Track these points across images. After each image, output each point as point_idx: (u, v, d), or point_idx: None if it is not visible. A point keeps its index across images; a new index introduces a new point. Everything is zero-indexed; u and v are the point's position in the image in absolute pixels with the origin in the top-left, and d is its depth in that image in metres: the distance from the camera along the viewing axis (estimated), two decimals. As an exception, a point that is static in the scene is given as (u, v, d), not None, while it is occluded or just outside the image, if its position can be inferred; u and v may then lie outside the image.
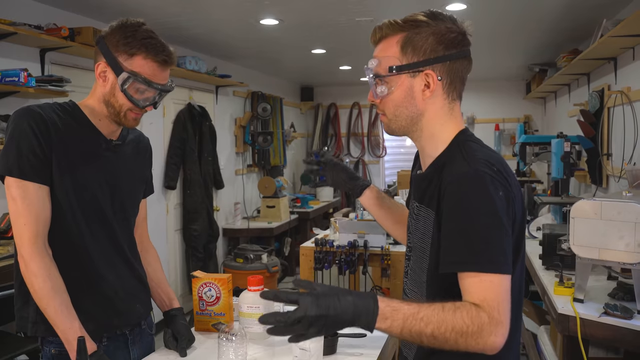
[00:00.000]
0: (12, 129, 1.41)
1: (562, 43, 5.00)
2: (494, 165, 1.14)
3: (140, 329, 1.67)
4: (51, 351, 1.49)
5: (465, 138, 1.24)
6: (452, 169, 1.16)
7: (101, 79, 1.48)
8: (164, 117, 4.85)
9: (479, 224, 1.09)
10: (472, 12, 3.88)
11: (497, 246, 1.09)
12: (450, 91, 1.24)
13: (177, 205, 5.08)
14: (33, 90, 3.01)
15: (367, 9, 3.80)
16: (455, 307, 1.06)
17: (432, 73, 1.21)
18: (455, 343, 1.05)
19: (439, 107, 1.24)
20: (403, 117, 1.25)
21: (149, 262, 1.76)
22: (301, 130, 8.46)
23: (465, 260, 1.09)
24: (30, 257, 1.39)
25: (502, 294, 1.07)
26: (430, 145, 1.26)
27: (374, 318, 1.04)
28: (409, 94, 1.22)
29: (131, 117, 1.51)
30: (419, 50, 1.20)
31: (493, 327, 1.05)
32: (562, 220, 3.36)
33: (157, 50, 1.45)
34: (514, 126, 7.70)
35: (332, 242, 3.45)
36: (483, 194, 1.09)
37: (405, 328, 1.05)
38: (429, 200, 1.21)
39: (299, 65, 6.56)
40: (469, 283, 1.09)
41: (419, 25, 1.21)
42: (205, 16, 3.95)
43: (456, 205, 1.11)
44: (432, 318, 1.05)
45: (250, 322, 1.65)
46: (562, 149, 3.44)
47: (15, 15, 3.12)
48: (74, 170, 1.46)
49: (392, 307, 1.06)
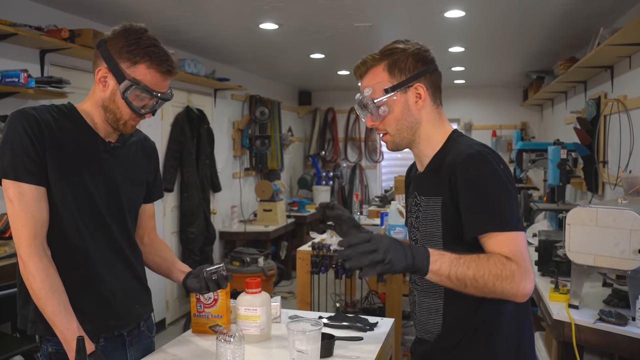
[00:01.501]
0: (6, 131, 1.42)
1: (559, 51, 5.03)
2: (489, 149, 1.37)
3: (138, 330, 1.66)
4: (49, 349, 1.49)
5: (457, 134, 1.47)
6: (456, 155, 1.35)
7: (101, 84, 1.48)
8: (162, 119, 4.85)
9: (493, 192, 1.30)
10: (471, 19, 3.91)
11: (509, 209, 1.30)
12: (434, 98, 1.46)
13: (174, 207, 5.08)
14: (33, 91, 3.02)
15: (366, 15, 3.82)
16: (488, 256, 1.26)
17: (421, 85, 1.42)
18: (493, 286, 1.23)
19: (430, 113, 1.45)
20: (405, 129, 1.44)
21: (159, 251, 1.78)
22: (299, 135, 8.47)
23: (488, 223, 1.29)
24: (29, 257, 1.39)
25: (522, 247, 1.27)
26: (428, 147, 1.46)
27: (427, 259, 1.22)
28: (405, 107, 1.42)
29: (130, 125, 1.52)
30: (405, 70, 1.41)
31: (523, 274, 1.23)
32: (557, 227, 3.37)
33: (160, 60, 1.45)
34: (510, 133, 7.73)
35: (328, 246, 3.45)
36: (489, 167, 1.31)
37: (452, 270, 1.23)
38: (435, 190, 1.39)
39: (297, 70, 6.58)
40: (494, 241, 1.28)
41: (396, 51, 1.42)
42: (204, 20, 3.97)
43: (470, 180, 1.31)
44: (471, 262, 1.23)
45: (248, 325, 1.66)
46: (558, 156, 3.46)
47: (15, 16, 3.13)
48: (70, 172, 1.46)
49: (438, 252, 1.25)
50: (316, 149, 8.49)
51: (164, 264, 1.77)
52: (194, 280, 1.66)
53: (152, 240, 1.79)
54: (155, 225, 1.82)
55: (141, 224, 1.74)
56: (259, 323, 1.66)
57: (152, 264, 1.78)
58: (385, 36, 4.41)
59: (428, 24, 4.11)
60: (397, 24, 4.12)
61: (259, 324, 1.66)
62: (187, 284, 1.68)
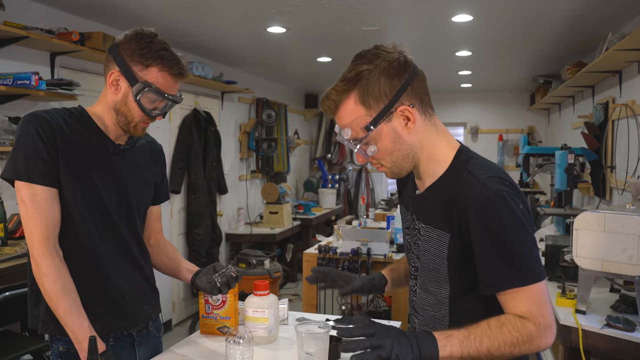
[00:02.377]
0: (19, 134, 1.44)
1: (567, 55, 5.03)
2: (505, 180, 1.20)
3: (147, 330, 1.68)
4: (59, 349, 1.51)
5: (466, 157, 1.26)
6: (469, 193, 1.19)
7: (113, 87, 1.50)
8: (170, 122, 4.88)
9: (511, 242, 1.17)
10: (478, 24, 3.91)
11: (531, 257, 1.18)
12: (424, 110, 1.26)
13: (181, 209, 5.11)
14: (43, 94, 3.04)
15: (374, 19, 3.84)
16: (500, 323, 1.16)
17: (405, 107, 1.21)
18: (510, 354, 1.16)
19: (424, 130, 1.26)
20: (401, 159, 1.26)
21: (166, 252, 1.81)
22: (305, 137, 8.49)
23: (505, 279, 1.17)
24: (41, 258, 1.41)
25: (543, 300, 1.17)
26: (431, 166, 1.28)
27: (436, 347, 1.13)
28: (395, 137, 1.23)
29: (141, 128, 1.55)
30: (381, 96, 1.20)
31: (542, 332, 1.16)
32: (565, 232, 3.37)
33: (172, 63, 1.48)
34: (517, 137, 7.72)
35: (335, 249, 3.47)
36: (508, 212, 1.16)
37: (464, 351, 1.14)
38: (441, 222, 1.24)
39: (304, 73, 6.60)
40: (510, 298, 1.18)
41: (363, 75, 1.20)
42: (212, 23, 3.99)
43: (486, 229, 1.17)
44: (483, 337, 1.15)
45: (256, 327, 1.67)
46: (565, 160, 3.46)
47: (27, 19, 3.16)
48: (81, 174, 1.48)
49: (445, 335, 1.15)
50: (322, 152, 8.50)
51: (171, 263, 1.79)
52: (204, 280, 1.69)
53: (159, 241, 1.81)
54: (161, 227, 1.84)
55: (148, 225, 1.75)
56: (266, 325, 1.67)
57: (160, 264, 1.80)
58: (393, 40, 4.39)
59: (435, 28, 4.12)
60: (404, 28, 4.13)
61: (266, 325, 1.67)
62: (197, 284, 1.70)
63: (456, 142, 1.31)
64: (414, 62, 1.25)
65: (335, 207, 7.64)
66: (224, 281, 1.66)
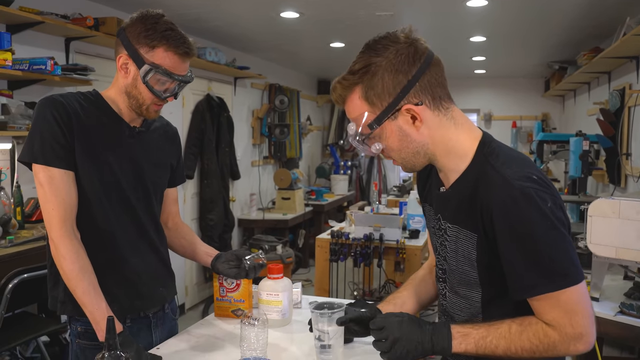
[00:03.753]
0: (35, 118, 1.46)
1: (583, 41, 4.96)
2: (532, 174, 1.11)
3: (163, 312, 1.70)
4: (78, 329, 1.54)
5: (490, 150, 1.17)
6: (492, 191, 1.11)
7: (123, 70, 1.50)
8: (183, 107, 4.90)
9: (539, 243, 1.08)
10: (493, 8, 3.87)
11: (564, 259, 1.09)
12: (437, 105, 1.16)
13: (194, 194, 5.14)
14: (59, 79, 3.07)
15: (387, 4, 3.81)
16: (522, 328, 1.13)
17: (410, 106, 1.13)
18: (530, 358, 1.12)
19: (438, 126, 1.17)
20: (410, 156, 1.19)
21: (183, 234, 1.82)
22: (317, 124, 8.48)
23: (532, 285, 1.10)
24: (60, 240, 1.43)
25: (575, 307, 1.09)
26: (451, 161, 1.20)
27: (450, 344, 1.15)
28: (402, 135, 1.16)
29: (153, 110, 1.54)
30: (384, 93, 1.13)
31: (569, 342, 1.10)
32: (578, 219, 3.35)
33: (178, 43, 1.47)
34: (531, 124, 7.66)
35: (347, 235, 3.48)
36: (535, 212, 1.07)
37: (479, 350, 1.14)
38: (467, 222, 1.17)
39: (317, 59, 6.58)
40: (538, 304, 1.12)
41: (369, 69, 1.13)
42: (226, 8, 3.98)
43: (511, 229, 1.09)
44: (500, 341, 1.13)
45: (270, 310, 1.68)
46: (580, 147, 3.44)
47: (42, 4, 3.18)
48: (97, 156, 1.49)
49: (462, 333, 1.15)
50: (334, 138, 8.49)
51: (189, 246, 1.80)
52: (225, 265, 1.69)
53: (176, 224, 1.82)
54: (178, 210, 1.85)
55: (165, 208, 1.77)
56: (280, 308, 1.69)
57: (178, 247, 1.81)
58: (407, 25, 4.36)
59: (450, 13, 4.08)
60: (418, 13, 4.10)
61: (280, 309, 1.69)
62: (219, 269, 1.70)
63: (478, 132, 1.21)
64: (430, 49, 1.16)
65: (347, 193, 7.64)
66: (252, 266, 1.67)
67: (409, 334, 1.15)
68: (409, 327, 1.16)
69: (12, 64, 2.80)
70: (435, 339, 1.15)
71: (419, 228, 3.66)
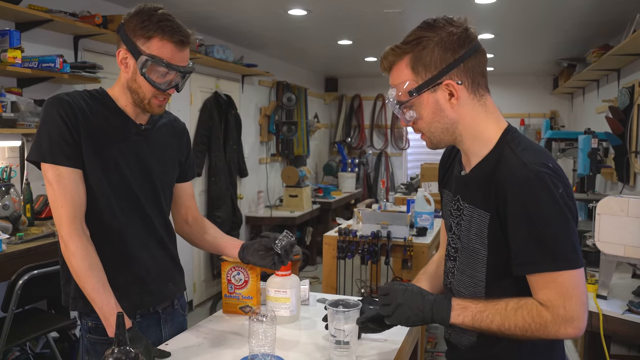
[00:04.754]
0: (42, 117, 1.47)
1: (591, 38, 4.93)
2: (549, 162, 1.18)
3: (172, 308, 1.72)
4: (88, 324, 1.56)
5: (512, 137, 1.25)
6: (509, 172, 1.19)
7: (123, 65, 1.51)
8: (191, 105, 4.91)
9: (546, 224, 1.15)
10: (501, 5, 3.86)
11: (567, 243, 1.15)
12: (475, 89, 1.25)
13: (201, 192, 5.16)
14: (67, 76, 3.09)
15: (395, 1, 3.80)
16: (518, 305, 1.19)
17: (451, 82, 1.22)
18: (522, 336, 1.18)
19: (471, 109, 1.25)
20: (439, 132, 1.27)
21: (206, 229, 1.81)
22: (325, 121, 8.48)
23: (535, 262, 1.16)
24: (69, 237, 1.44)
25: (570, 290, 1.15)
26: (475, 145, 1.28)
27: (448, 315, 1.23)
28: (437, 108, 1.24)
29: (155, 104, 1.53)
30: (430, 65, 1.22)
31: (560, 324, 1.15)
32: (586, 217, 3.34)
33: (173, 31, 1.46)
34: (539, 121, 7.62)
35: (355, 232, 3.48)
36: (546, 194, 1.14)
37: (475, 324, 1.21)
38: (482, 202, 1.24)
39: (324, 56, 6.58)
40: (536, 282, 1.18)
41: (421, 41, 1.22)
42: (234, 6, 3.99)
43: (522, 208, 1.16)
44: (495, 316, 1.19)
45: (278, 306, 1.69)
46: (589, 145, 3.42)
47: (51, 2, 3.19)
48: (104, 154, 1.50)
49: (461, 306, 1.23)
50: (342, 135, 8.49)
51: (214, 240, 1.79)
52: (256, 255, 1.66)
53: (197, 219, 1.81)
54: (196, 205, 1.84)
55: (183, 204, 1.78)
56: (288, 305, 1.70)
57: (202, 242, 1.80)
58: (415, 23, 4.29)
59: (458, 10, 4.06)
60: (426, 10, 4.08)
61: (288, 305, 1.70)
62: (251, 261, 1.68)
63: (505, 123, 1.30)
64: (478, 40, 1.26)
65: (354, 190, 7.64)
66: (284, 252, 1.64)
67: (410, 301, 1.25)
68: (411, 295, 1.25)
69: (21, 62, 2.82)
70: (436, 309, 1.23)
71: (426, 226, 3.66)
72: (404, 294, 1.26)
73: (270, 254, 1.65)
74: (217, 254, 1.82)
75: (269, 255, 1.65)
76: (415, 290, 1.27)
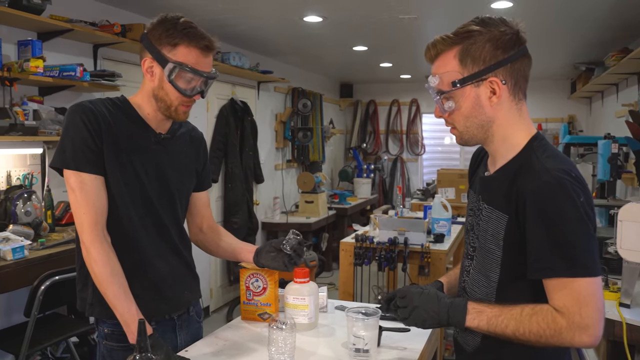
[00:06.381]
0: (66, 124, 1.49)
1: (610, 41, 4.88)
2: (571, 171, 1.19)
3: (188, 315, 1.72)
4: (105, 330, 1.57)
5: (539, 144, 1.26)
6: (531, 177, 1.19)
7: (149, 74, 1.53)
8: (208, 111, 4.95)
9: (566, 231, 1.15)
10: (518, 10, 3.83)
11: (585, 250, 1.15)
12: (516, 92, 1.26)
13: (218, 198, 5.18)
14: (87, 85, 3.13)
15: (411, 7, 3.80)
16: (533, 311, 1.18)
17: (496, 79, 1.23)
18: (536, 342, 1.18)
19: (508, 110, 1.26)
20: (474, 127, 1.28)
21: (221, 236, 1.82)
22: (340, 127, 8.48)
23: (552, 267, 1.16)
24: (91, 243, 1.46)
25: (586, 298, 1.14)
26: (503, 148, 1.29)
27: (464, 318, 1.24)
28: (476, 103, 1.25)
29: (182, 111, 1.56)
30: (478, 60, 1.22)
31: (575, 331, 1.14)
32: (607, 223, 3.29)
33: (198, 38, 1.49)
34: (557, 126, 7.54)
35: (372, 239, 3.47)
36: (567, 201, 1.15)
37: (490, 328, 1.22)
38: (502, 204, 1.25)
39: (339, 62, 6.59)
40: (553, 288, 1.17)
41: (472, 35, 1.23)
42: (250, 13, 4.02)
43: (541, 213, 1.16)
44: (510, 321, 1.19)
45: (296, 314, 1.69)
46: (609, 150, 3.37)
47: (71, 12, 3.24)
48: (123, 162, 1.52)
49: (477, 310, 1.24)
50: (357, 141, 8.49)
51: (229, 247, 1.80)
52: (268, 257, 1.67)
53: (212, 227, 1.83)
54: (211, 214, 1.86)
55: (199, 212, 1.79)
56: (307, 312, 1.69)
57: (217, 249, 1.82)
58: (430, 28, 4.36)
59: (474, 15, 4.00)
60: (442, 15, 4.07)
61: (307, 313, 1.69)
62: (264, 264, 1.69)
63: (534, 130, 1.30)
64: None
65: (370, 196, 7.63)
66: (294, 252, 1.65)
67: (426, 304, 1.27)
68: (427, 298, 1.27)
69: (43, 71, 2.86)
70: (452, 312, 1.24)
71: (444, 232, 3.63)
72: (420, 297, 1.28)
73: (281, 255, 1.66)
74: (233, 261, 1.83)
75: (279, 257, 1.66)
76: (431, 293, 1.28)
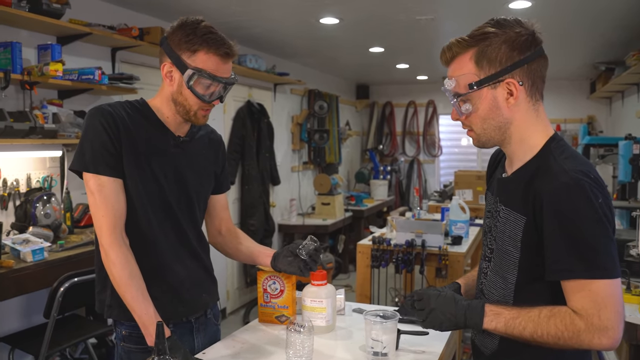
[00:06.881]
0: (85, 127, 1.50)
1: (630, 40, 4.81)
2: (590, 173, 1.17)
3: (205, 317, 1.72)
4: (122, 332, 1.58)
5: (557, 145, 1.25)
6: (548, 178, 1.18)
7: (168, 78, 1.53)
8: (224, 113, 4.97)
9: (584, 232, 1.14)
10: (536, 10, 3.79)
11: (604, 252, 1.14)
12: (533, 93, 1.26)
13: (235, 200, 5.20)
14: (106, 88, 3.16)
15: (428, 8, 3.78)
16: (551, 313, 1.17)
17: (513, 80, 1.22)
18: (555, 344, 1.16)
19: (525, 111, 1.26)
20: (492, 129, 1.27)
21: (240, 239, 1.83)
22: (356, 129, 8.47)
23: (571, 269, 1.15)
24: (110, 246, 1.46)
25: (605, 300, 1.12)
26: (521, 149, 1.28)
27: (481, 320, 1.23)
28: (494, 105, 1.24)
29: (201, 115, 1.56)
30: (495, 61, 1.22)
31: (594, 333, 1.13)
32: (628, 225, 3.24)
33: (218, 44, 1.48)
34: (576, 127, 7.45)
35: (389, 241, 3.45)
36: (585, 202, 1.13)
37: (508, 330, 1.21)
38: (519, 205, 1.24)
39: (356, 64, 6.58)
40: (571, 289, 1.16)
41: (488, 37, 1.22)
42: (266, 15, 4.03)
43: (559, 214, 1.15)
44: (528, 323, 1.18)
45: (314, 316, 1.68)
46: (630, 151, 3.32)
47: (89, 16, 3.28)
48: (142, 165, 1.52)
49: (494, 312, 1.23)
50: (374, 143, 8.47)
51: (247, 250, 1.81)
52: (285, 262, 1.68)
53: (230, 230, 1.83)
54: (230, 216, 1.86)
55: (217, 215, 1.79)
56: (324, 315, 1.69)
57: (236, 252, 1.82)
58: (448, 29, 4.33)
59: (492, 16, 3.98)
60: (459, 16, 4.05)
61: (324, 315, 1.69)
62: (281, 269, 1.70)
63: (552, 131, 1.30)
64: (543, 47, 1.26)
65: (387, 198, 7.60)
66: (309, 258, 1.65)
67: (443, 306, 1.26)
68: (444, 300, 1.27)
69: (62, 75, 2.90)
70: (469, 314, 1.24)
71: (461, 234, 3.60)
72: (437, 299, 1.28)
73: (297, 260, 1.66)
74: (251, 264, 1.83)
75: (295, 262, 1.66)
76: (448, 296, 1.28)
